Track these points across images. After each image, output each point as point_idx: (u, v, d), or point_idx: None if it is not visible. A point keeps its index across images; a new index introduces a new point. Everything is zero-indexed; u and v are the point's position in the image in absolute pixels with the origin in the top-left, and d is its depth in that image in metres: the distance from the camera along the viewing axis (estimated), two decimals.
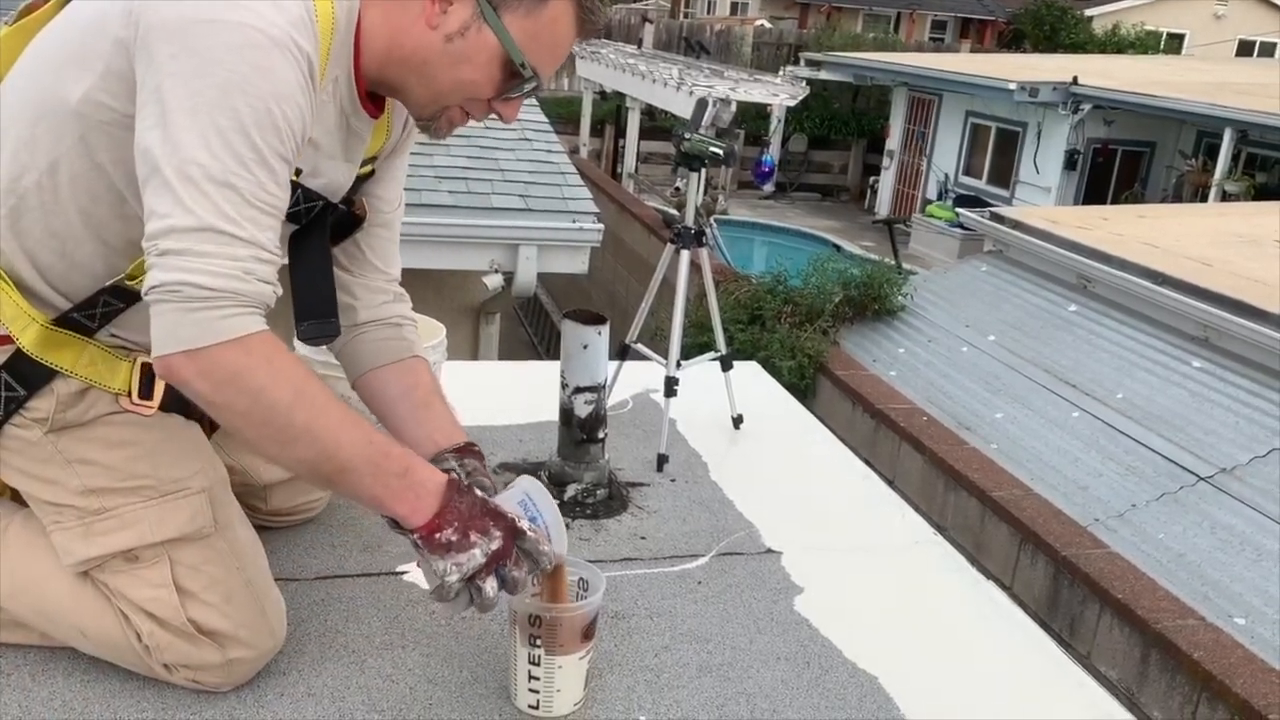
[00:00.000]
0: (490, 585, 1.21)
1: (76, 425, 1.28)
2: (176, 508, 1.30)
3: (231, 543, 1.35)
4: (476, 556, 1.20)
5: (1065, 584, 4.63)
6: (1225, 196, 11.66)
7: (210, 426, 1.43)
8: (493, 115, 1.35)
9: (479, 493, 1.26)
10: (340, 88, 1.28)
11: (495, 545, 1.21)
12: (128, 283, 1.25)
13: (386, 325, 1.53)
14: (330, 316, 1.41)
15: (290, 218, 1.30)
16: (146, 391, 1.30)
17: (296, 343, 1.86)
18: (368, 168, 1.46)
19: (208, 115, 1.09)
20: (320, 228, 1.40)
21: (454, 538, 1.20)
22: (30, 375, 1.26)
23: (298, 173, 1.27)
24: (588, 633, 1.33)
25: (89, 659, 1.35)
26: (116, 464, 1.29)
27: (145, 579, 1.29)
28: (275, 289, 1.16)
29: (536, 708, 1.34)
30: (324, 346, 1.55)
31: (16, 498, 1.37)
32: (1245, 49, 24.24)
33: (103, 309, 1.27)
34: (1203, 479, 5.23)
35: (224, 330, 1.11)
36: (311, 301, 1.40)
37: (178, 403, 1.34)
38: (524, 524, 1.25)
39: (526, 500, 1.31)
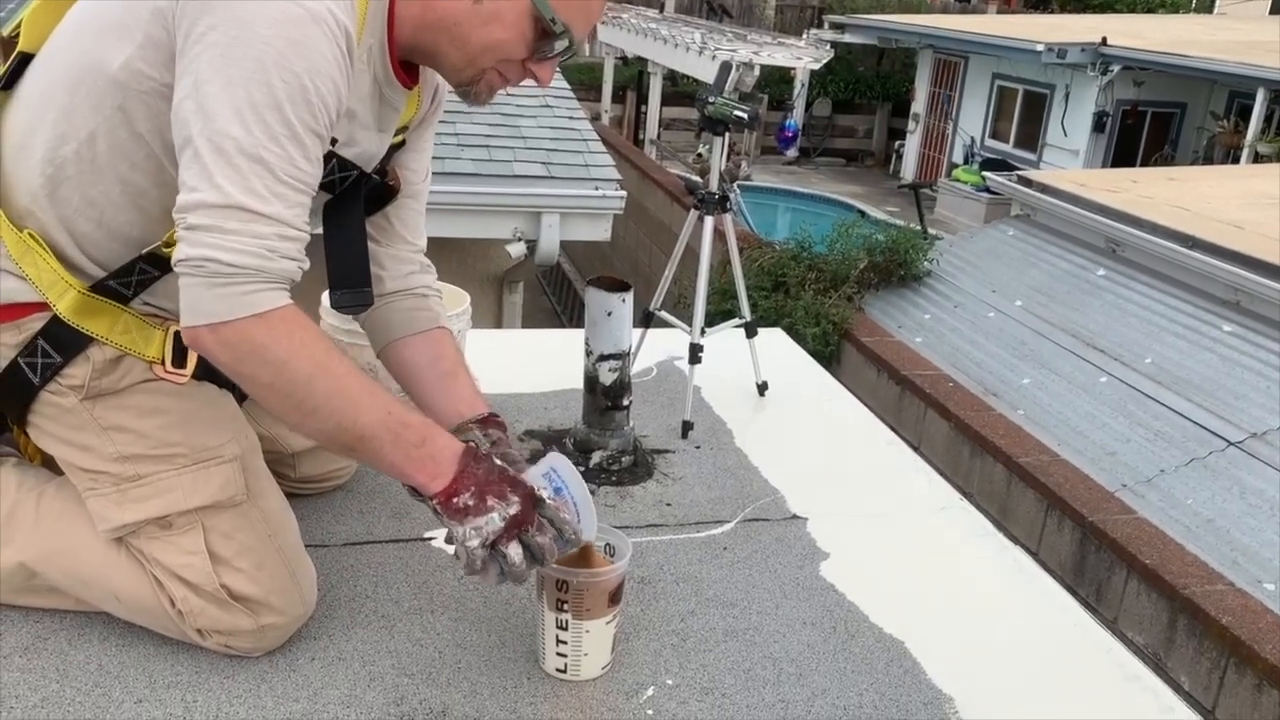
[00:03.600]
0: (514, 551, 1.22)
1: (111, 393, 1.30)
2: (209, 475, 1.32)
3: (264, 510, 1.36)
4: (495, 520, 1.21)
5: (1092, 549, 4.61)
6: (1258, 158, 11.46)
7: (241, 395, 1.44)
8: (529, 79, 1.33)
9: (498, 461, 1.26)
10: (374, 57, 1.28)
11: (514, 510, 1.21)
12: (164, 250, 1.26)
13: (413, 295, 1.54)
14: (364, 285, 1.42)
15: (325, 186, 1.31)
16: (179, 360, 1.32)
17: (321, 311, 1.87)
18: (399, 137, 1.45)
19: (243, 88, 1.10)
20: (355, 198, 1.40)
21: (471, 502, 1.20)
22: (66, 342, 1.27)
23: (333, 142, 1.27)
24: (615, 597, 1.34)
25: (124, 624, 1.37)
26: (150, 431, 1.30)
27: (179, 545, 1.31)
28: (301, 264, 1.17)
29: (564, 671, 1.35)
30: (352, 316, 1.56)
31: (50, 465, 1.39)
32: (1279, 7, 23.73)
33: (138, 276, 1.28)
34: (1233, 444, 5.18)
35: (246, 305, 1.12)
36: (346, 271, 1.40)
37: (210, 371, 1.35)
38: (544, 493, 1.25)
39: (551, 473, 1.31)
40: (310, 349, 1.17)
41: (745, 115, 2.17)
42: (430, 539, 1.66)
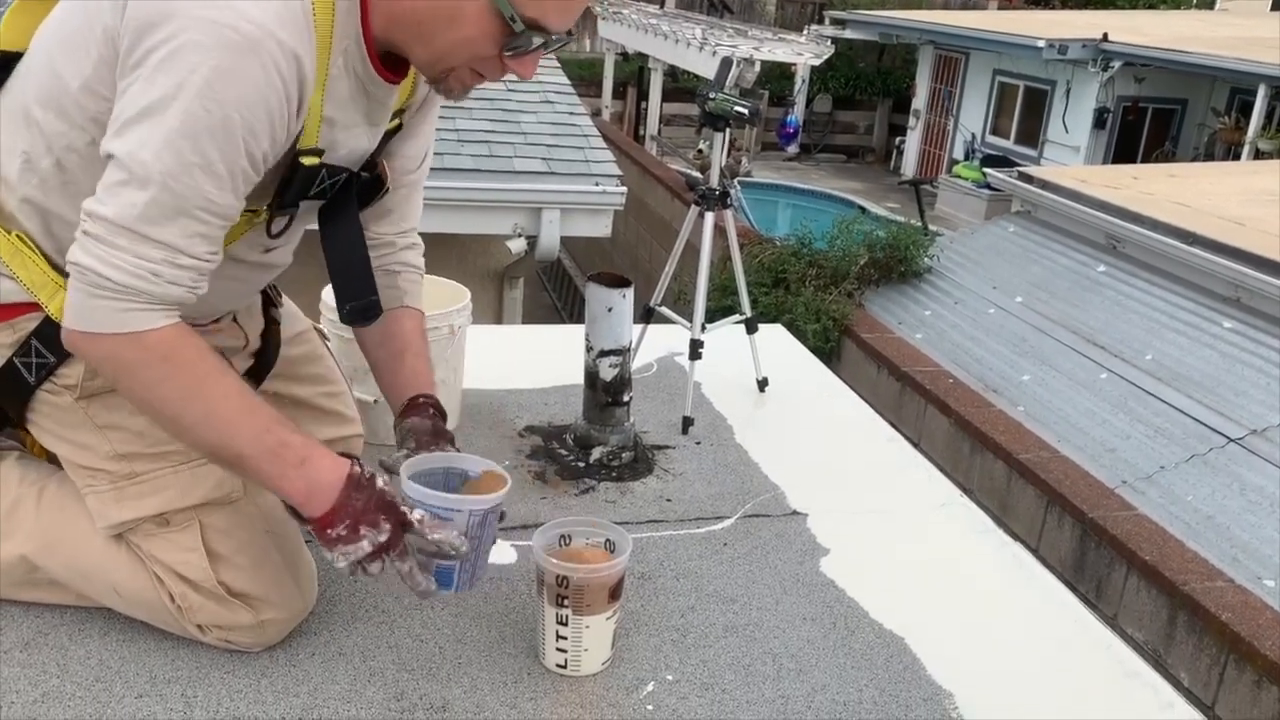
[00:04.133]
0: (375, 568, 1.23)
1: (106, 392, 1.30)
2: (205, 473, 1.32)
3: (261, 507, 1.36)
4: (364, 547, 1.21)
5: (1092, 546, 4.62)
6: (1258, 154, 11.45)
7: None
8: (510, 75, 1.31)
9: (380, 483, 1.24)
10: (352, 56, 1.24)
11: (383, 538, 1.22)
12: None
13: (383, 273, 1.53)
14: (371, 296, 1.41)
15: (318, 194, 1.31)
16: None
17: (321, 307, 1.87)
18: (395, 121, 1.44)
19: (161, 115, 1.08)
20: (348, 203, 1.39)
21: (344, 532, 1.21)
22: (59, 342, 1.27)
23: (319, 153, 1.26)
24: (615, 593, 1.34)
25: (124, 619, 1.37)
26: (145, 429, 1.30)
27: (176, 542, 1.31)
28: (191, 290, 1.16)
29: (564, 667, 1.36)
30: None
31: (54, 460, 1.39)
32: None
33: None
34: (1233, 440, 5.18)
35: (120, 324, 1.13)
36: (350, 284, 1.40)
37: None
38: (414, 515, 1.23)
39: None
40: (184, 373, 1.17)
41: (746, 111, 2.16)
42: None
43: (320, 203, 1.36)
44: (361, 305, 1.41)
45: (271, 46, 1.10)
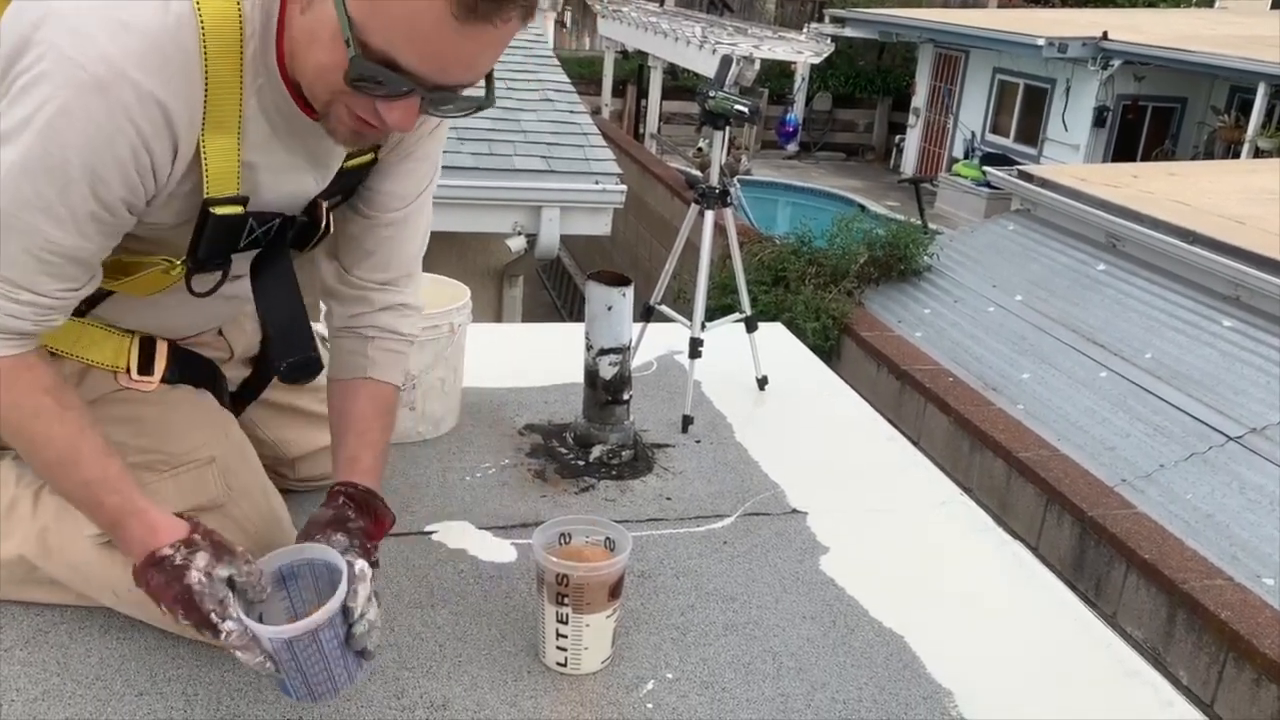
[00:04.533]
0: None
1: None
2: (186, 479, 1.32)
3: (247, 507, 1.36)
4: (168, 621, 1.20)
5: (1091, 544, 4.62)
6: (1258, 153, 11.45)
7: (222, 395, 1.44)
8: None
9: (193, 578, 1.13)
10: (268, 95, 1.14)
11: (185, 622, 1.16)
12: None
13: (355, 336, 1.44)
14: (308, 352, 1.33)
15: (249, 245, 1.25)
16: (146, 368, 1.32)
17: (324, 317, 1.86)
18: (368, 156, 1.33)
19: (7, 147, 1.04)
20: (280, 251, 1.30)
21: (152, 594, 1.18)
22: None
23: (243, 201, 1.19)
24: (615, 591, 1.34)
25: (124, 618, 1.37)
26: (123, 439, 1.30)
27: None
28: (40, 324, 1.13)
29: (564, 665, 1.36)
30: None
31: None
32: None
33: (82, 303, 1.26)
34: (1232, 439, 5.19)
35: None
36: (285, 342, 1.32)
37: (184, 374, 1.36)
38: (225, 627, 1.13)
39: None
40: (17, 407, 1.14)
41: (746, 110, 2.16)
42: (431, 533, 1.66)
43: (256, 251, 1.28)
44: (300, 362, 1.32)
45: (123, 90, 1.02)
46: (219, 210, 1.17)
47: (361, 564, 1.19)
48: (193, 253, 1.22)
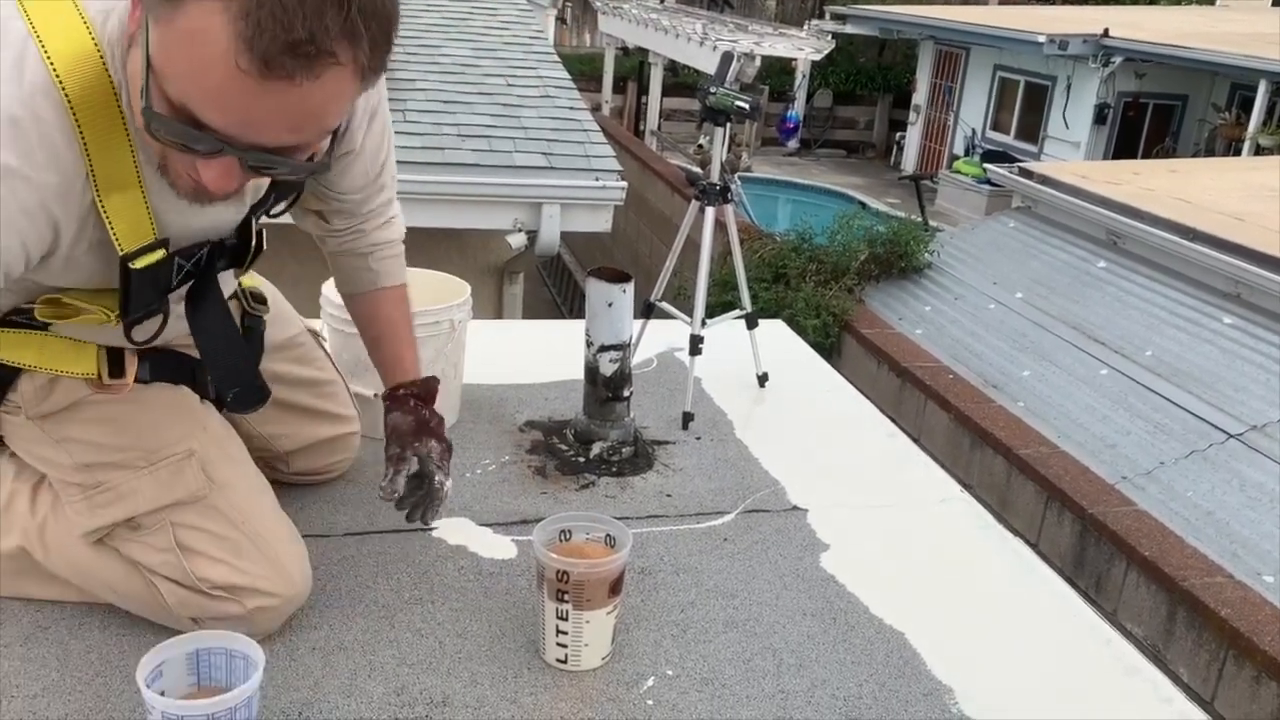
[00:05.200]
0: None
1: (56, 412, 1.31)
2: (166, 473, 1.32)
3: (231, 499, 1.36)
4: None
5: (1092, 541, 4.62)
6: (1259, 150, 11.44)
7: (203, 391, 1.43)
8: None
9: None
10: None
11: None
12: (36, 314, 1.23)
13: (353, 255, 1.52)
14: (253, 381, 1.35)
15: (182, 281, 1.24)
16: (117, 371, 1.32)
17: (322, 301, 1.87)
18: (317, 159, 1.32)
19: None
20: (210, 286, 1.28)
21: None
22: (1, 373, 1.29)
23: (163, 245, 1.16)
24: (615, 588, 1.34)
25: (124, 613, 1.38)
26: (101, 439, 1.31)
27: (151, 544, 1.32)
28: None
29: (565, 661, 1.36)
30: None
31: None
32: None
33: (26, 319, 1.26)
34: (1233, 436, 5.18)
35: None
36: (225, 374, 1.33)
37: (159, 373, 1.36)
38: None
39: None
40: None
41: (747, 106, 2.16)
42: (431, 529, 1.66)
43: (185, 285, 1.26)
44: (242, 393, 1.33)
45: (15, 184, 1.00)
46: (140, 263, 1.14)
47: (449, 483, 1.41)
48: (124, 310, 1.19)
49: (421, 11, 7.04)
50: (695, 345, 2.19)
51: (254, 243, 1.34)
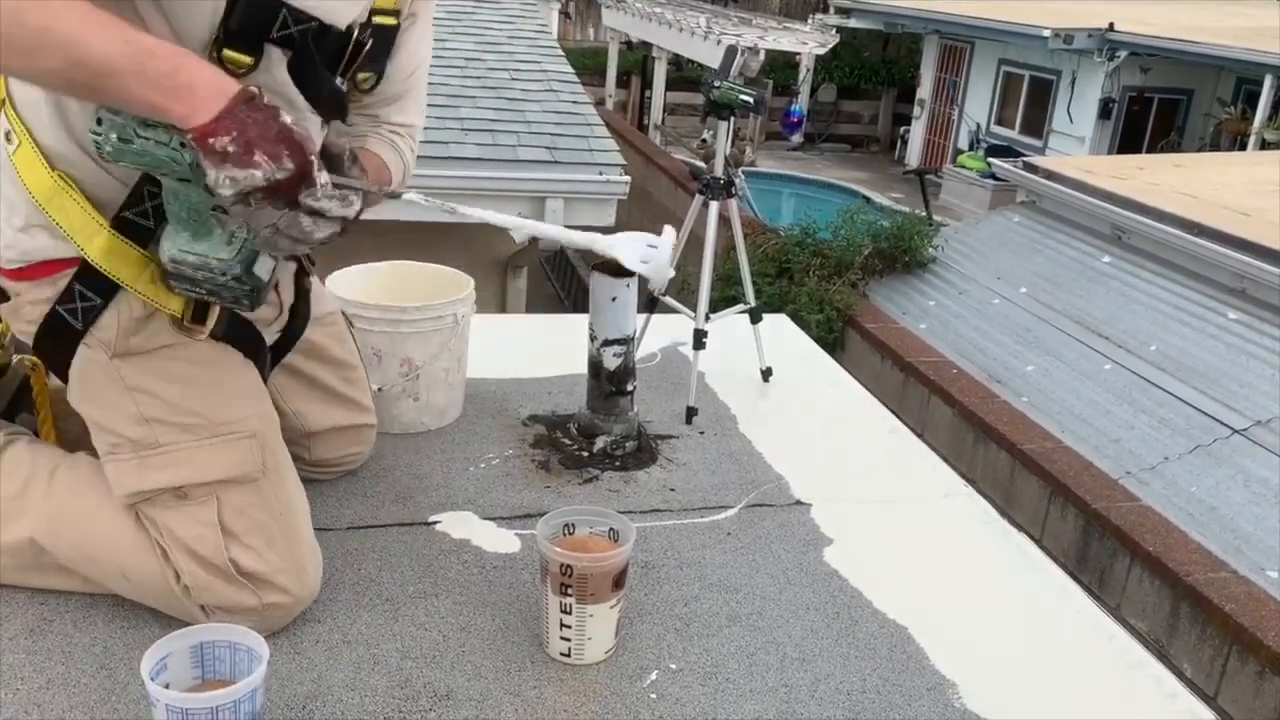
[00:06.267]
0: (264, 211, 1.13)
1: (140, 353, 1.31)
2: (227, 449, 1.33)
3: (278, 489, 1.37)
4: (257, 178, 1.08)
5: (1095, 536, 4.62)
6: (1264, 145, 11.41)
7: (265, 371, 1.44)
8: None
9: (285, 118, 1.11)
10: None
11: (281, 176, 1.09)
12: None
13: (357, 135, 1.51)
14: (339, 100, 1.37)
15: (281, 39, 1.24)
16: (200, 316, 1.32)
17: (329, 282, 1.86)
18: (390, 20, 1.38)
19: None
20: (313, 65, 1.30)
21: (233, 149, 1.08)
22: (101, 287, 1.28)
23: None
24: (618, 582, 1.34)
25: (130, 606, 1.38)
26: (172, 398, 1.31)
27: (192, 516, 1.32)
28: None
29: (568, 655, 1.36)
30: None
31: (69, 446, 1.42)
32: None
33: (151, 202, 1.27)
34: (1237, 431, 5.18)
35: None
36: (324, 103, 1.34)
37: (232, 335, 1.36)
38: (321, 178, 1.11)
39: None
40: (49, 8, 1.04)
41: (751, 100, 2.16)
42: (435, 523, 1.66)
43: (289, 56, 1.26)
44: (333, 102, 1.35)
45: None
46: None
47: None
48: (225, 21, 1.19)
49: None
50: (699, 340, 2.19)
51: (353, 41, 1.33)
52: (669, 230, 1.36)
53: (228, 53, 1.21)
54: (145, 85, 1.08)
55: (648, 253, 1.31)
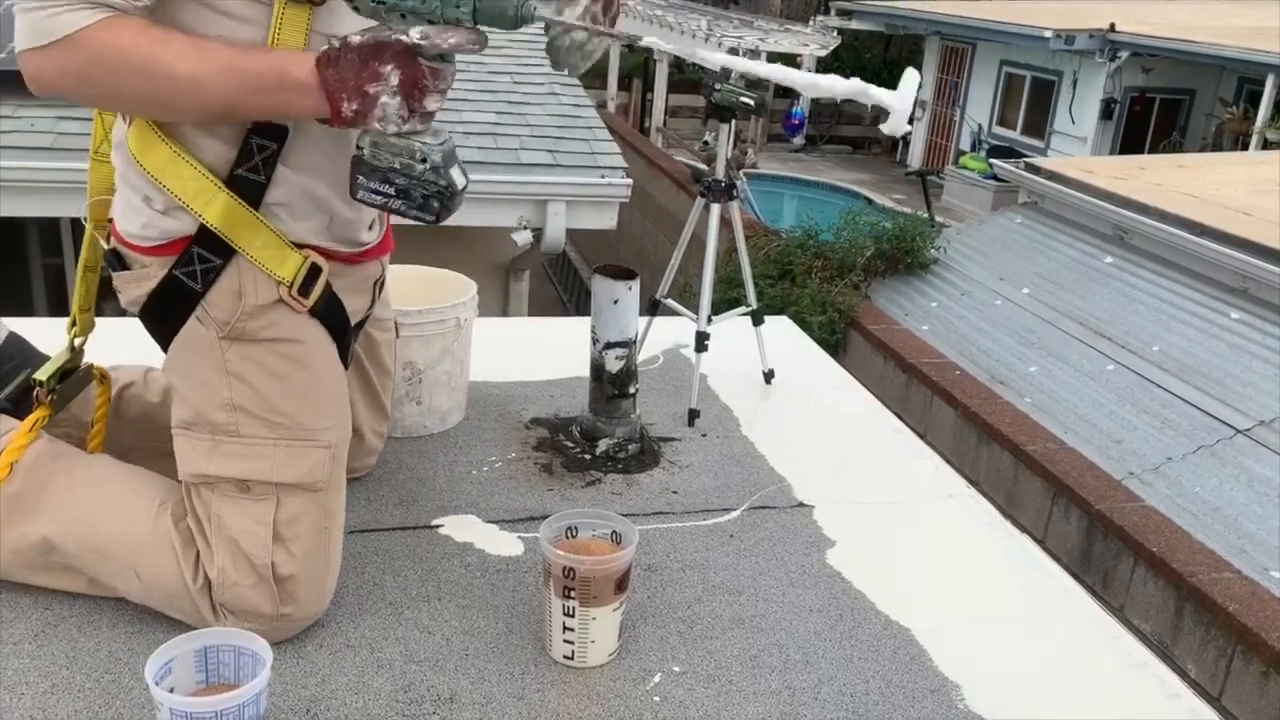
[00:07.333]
0: (427, 102, 1.18)
1: (249, 340, 1.32)
2: (304, 455, 1.34)
3: (331, 503, 1.38)
4: (388, 104, 1.17)
5: (1099, 537, 4.61)
6: (1266, 144, 11.41)
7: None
8: None
9: (354, 41, 1.16)
10: None
11: (396, 79, 1.16)
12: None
13: None
14: None
15: None
16: (305, 290, 1.34)
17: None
18: None
19: None
20: None
21: (356, 106, 1.17)
22: (219, 247, 1.29)
23: None
24: (621, 585, 1.34)
25: (134, 612, 1.38)
26: (266, 393, 1.32)
27: (249, 511, 1.32)
28: None
29: (571, 658, 1.36)
30: None
31: (85, 445, 1.44)
32: None
33: (261, 156, 1.28)
34: (1240, 432, 5.17)
35: (49, 31, 1.13)
36: None
37: (328, 317, 1.37)
38: (414, 34, 1.14)
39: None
40: (131, 53, 1.16)
41: (752, 102, 2.16)
42: (437, 526, 1.66)
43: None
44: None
45: None
46: None
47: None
48: None
49: None
50: (701, 342, 2.19)
51: None
52: (910, 73, 1.32)
53: None
54: (268, 103, 1.21)
55: (900, 94, 1.28)
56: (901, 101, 1.27)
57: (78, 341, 1.51)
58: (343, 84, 1.16)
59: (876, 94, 1.29)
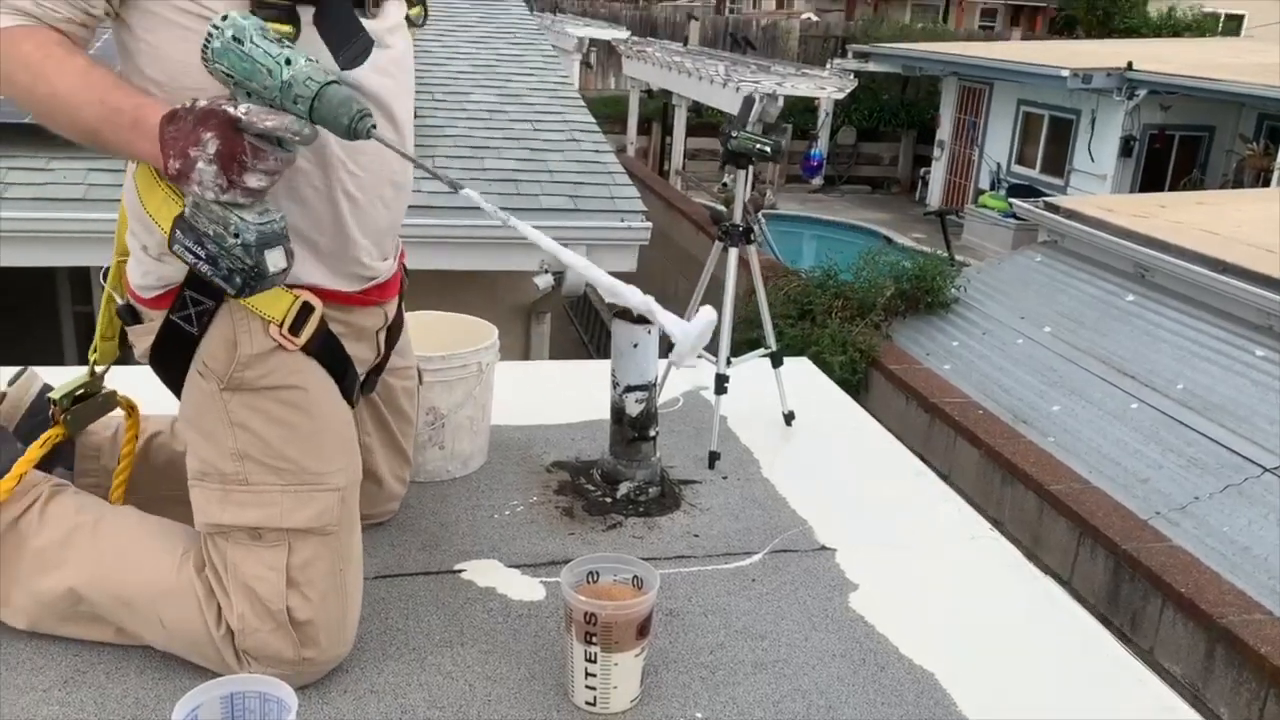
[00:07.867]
0: (246, 179, 1.16)
1: (249, 389, 1.34)
2: (312, 500, 1.35)
3: (345, 545, 1.40)
4: (203, 170, 1.15)
5: (1126, 578, 4.55)
6: None
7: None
8: None
9: (198, 104, 1.16)
10: None
11: (213, 148, 1.14)
12: None
13: None
14: (360, 33, 1.35)
15: None
16: (296, 329, 1.35)
17: None
18: (416, 8, 1.45)
19: None
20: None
21: (178, 165, 1.16)
22: (211, 290, 1.31)
23: None
24: (643, 630, 1.34)
25: (161, 659, 1.39)
26: (271, 440, 1.34)
27: (261, 557, 1.34)
28: (33, 4, 1.20)
29: (594, 704, 1.36)
30: None
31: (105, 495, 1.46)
32: None
33: None
34: (1268, 470, 5.11)
35: None
36: (340, 34, 1.32)
37: (324, 354, 1.39)
38: (239, 110, 1.14)
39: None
40: (25, 61, 1.20)
41: (769, 148, 2.18)
42: (460, 571, 1.67)
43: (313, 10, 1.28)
44: (356, 43, 1.35)
45: None
46: None
47: None
48: None
49: (449, 59, 7.15)
50: (721, 384, 2.20)
51: None
52: (708, 310, 1.34)
53: (271, 26, 1.22)
54: (119, 139, 1.22)
55: (687, 325, 1.29)
56: (684, 333, 1.27)
57: (98, 368, 1.53)
58: (173, 141, 1.17)
59: (662, 317, 1.29)
